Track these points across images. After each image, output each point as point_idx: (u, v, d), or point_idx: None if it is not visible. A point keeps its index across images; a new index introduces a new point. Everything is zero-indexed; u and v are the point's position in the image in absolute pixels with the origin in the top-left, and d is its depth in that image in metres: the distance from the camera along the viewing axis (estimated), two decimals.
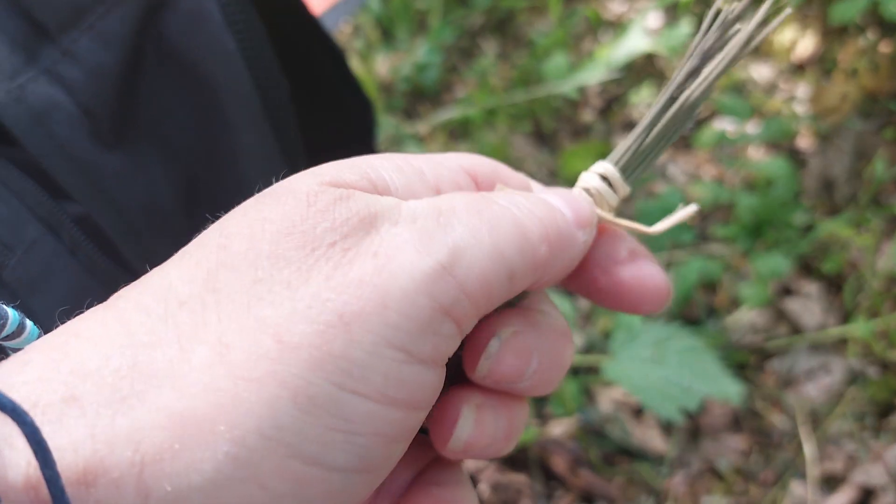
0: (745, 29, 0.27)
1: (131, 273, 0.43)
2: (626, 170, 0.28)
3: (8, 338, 0.20)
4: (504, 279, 0.21)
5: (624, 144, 0.28)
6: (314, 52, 0.59)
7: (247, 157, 0.50)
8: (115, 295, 0.21)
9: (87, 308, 0.21)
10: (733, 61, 0.27)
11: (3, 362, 0.18)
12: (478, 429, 0.24)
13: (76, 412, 0.16)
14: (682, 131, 0.28)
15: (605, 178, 0.28)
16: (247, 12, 0.48)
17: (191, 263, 0.21)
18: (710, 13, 0.27)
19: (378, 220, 0.21)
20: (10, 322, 0.19)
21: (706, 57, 0.27)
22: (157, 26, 0.45)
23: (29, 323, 0.21)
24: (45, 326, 0.41)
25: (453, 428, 0.23)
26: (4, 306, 0.20)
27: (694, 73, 0.27)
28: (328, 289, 0.19)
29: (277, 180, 0.58)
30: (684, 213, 0.28)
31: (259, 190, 0.25)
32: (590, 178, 0.28)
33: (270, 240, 0.20)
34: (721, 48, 0.27)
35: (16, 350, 0.19)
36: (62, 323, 0.20)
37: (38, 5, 0.41)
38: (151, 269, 0.23)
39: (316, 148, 0.62)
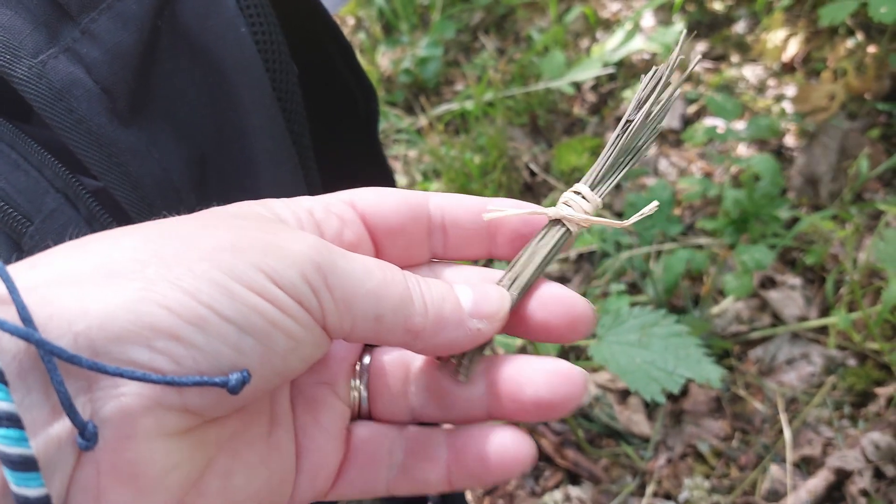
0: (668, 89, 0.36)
1: None
2: (595, 186, 0.36)
3: None
4: (370, 315, 0.29)
5: (594, 167, 0.36)
6: (323, 41, 0.61)
7: (256, 137, 0.52)
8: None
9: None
10: (663, 110, 0.36)
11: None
12: None
13: (36, 262, 0.25)
14: (640, 154, 0.36)
15: (578, 193, 0.36)
16: None
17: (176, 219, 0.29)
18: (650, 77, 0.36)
19: (289, 227, 0.29)
20: None
21: (645, 104, 0.36)
22: (173, 8, 0.47)
23: None
24: None
25: None
26: None
27: (640, 106, 0.36)
28: (231, 234, 0.27)
29: (283, 162, 0.58)
30: (649, 208, 0.35)
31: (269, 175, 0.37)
32: (567, 194, 0.36)
33: (227, 218, 0.29)
34: (656, 102, 0.36)
35: None
36: None
37: None
38: None
39: (322, 133, 0.64)
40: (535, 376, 0.31)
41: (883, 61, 1.30)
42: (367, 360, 0.35)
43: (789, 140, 1.34)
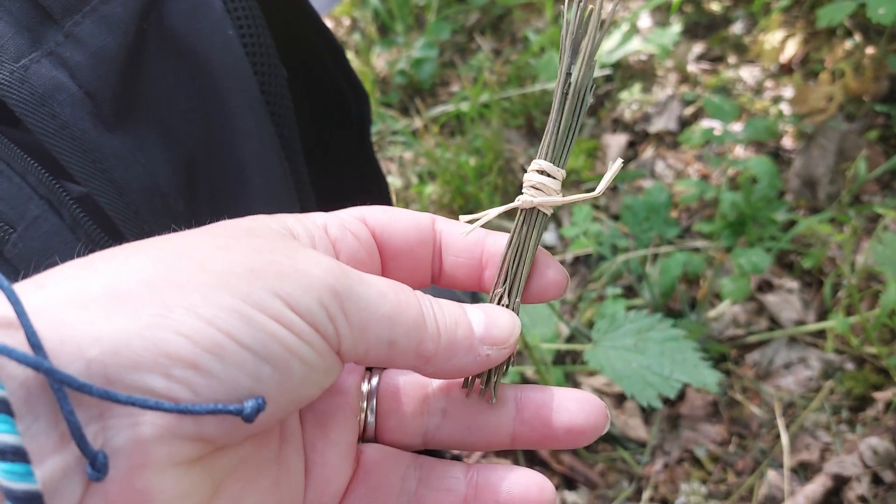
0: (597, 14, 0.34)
1: None
2: (555, 154, 0.34)
3: None
4: (384, 340, 0.28)
5: (546, 136, 0.34)
6: (313, 43, 0.60)
7: (245, 142, 0.51)
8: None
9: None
10: (597, 43, 0.34)
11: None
12: None
13: (43, 281, 0.24)
14: (585, 108, 0.34)
15: (542, 172, 0.34)
16: (247, 1, 0.50)
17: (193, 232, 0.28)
18: (572, 10, 0.34)
19: (304, 248, 0.29)
20: None
21: (576, 44, 0.33)
22: (159, 11, 0.46)
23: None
24: None
25: None
26: None
27: (572, 59, 0.34)
28: (246, 257, 0.26)
29: (272, 166, 0.58)
30: (615, 167, 0.33)
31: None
32: (531, 175, 0.34)
33: (242, 237, 0.28)
34: (585, 35, 0.34)
35: None
36: None
37: None
38: None
39: (313, 137, 0.64)
40: (568, 404, 0.32)
41: (881, 62, 1.30)
42: (375, 379, 0.35)
43: (787, 142, 1.34)
